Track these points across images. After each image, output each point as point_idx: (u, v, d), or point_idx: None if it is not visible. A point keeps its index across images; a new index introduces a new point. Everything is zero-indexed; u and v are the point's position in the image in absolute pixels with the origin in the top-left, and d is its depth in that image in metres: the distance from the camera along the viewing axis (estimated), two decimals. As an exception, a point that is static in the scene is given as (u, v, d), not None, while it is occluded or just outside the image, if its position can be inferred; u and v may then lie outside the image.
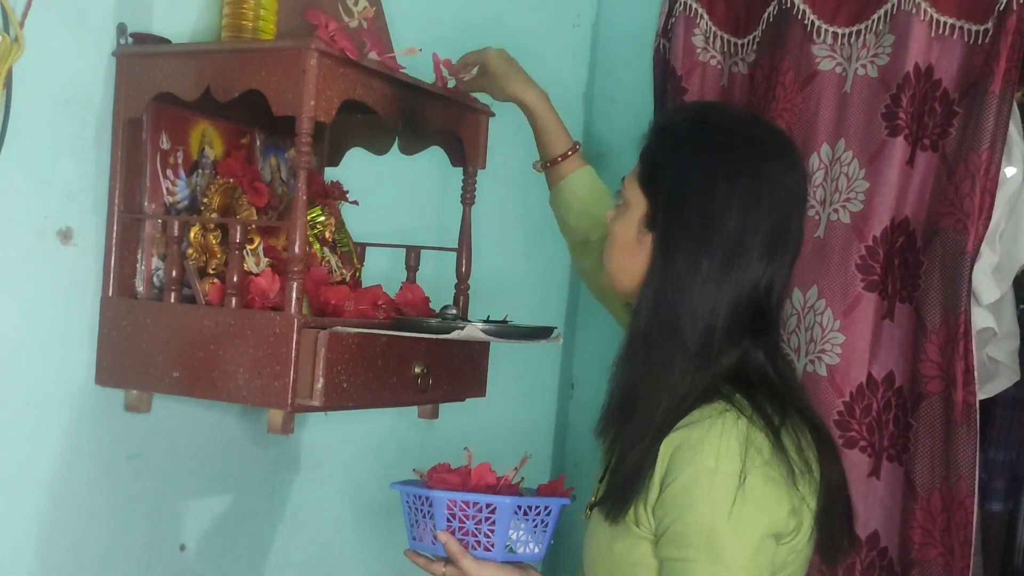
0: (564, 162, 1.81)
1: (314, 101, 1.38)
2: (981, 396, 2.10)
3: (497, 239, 2.27)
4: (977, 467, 2.03)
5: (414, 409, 1.75)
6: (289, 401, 1.39)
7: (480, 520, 1.45)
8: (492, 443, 2.44)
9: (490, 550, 1.45)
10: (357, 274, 1.81)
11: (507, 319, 1.62)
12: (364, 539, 2.12)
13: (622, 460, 1.34)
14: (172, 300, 1.49)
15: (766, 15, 2.32)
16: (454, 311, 1.62)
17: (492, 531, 1.45)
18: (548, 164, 1.83)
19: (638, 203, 1.39)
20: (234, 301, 1.46)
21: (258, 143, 1.72)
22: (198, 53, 1.48)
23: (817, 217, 2.20)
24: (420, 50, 1.58)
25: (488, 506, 1.44)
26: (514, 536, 1.47)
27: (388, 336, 1.49)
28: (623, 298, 1.47)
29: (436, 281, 1.83)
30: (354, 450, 2.06)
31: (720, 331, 1.31)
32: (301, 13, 1.50)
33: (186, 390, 1.46)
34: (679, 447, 1.29)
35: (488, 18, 2.30)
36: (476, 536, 1.45)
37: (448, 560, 1.46)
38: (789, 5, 2.25)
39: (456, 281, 1.81)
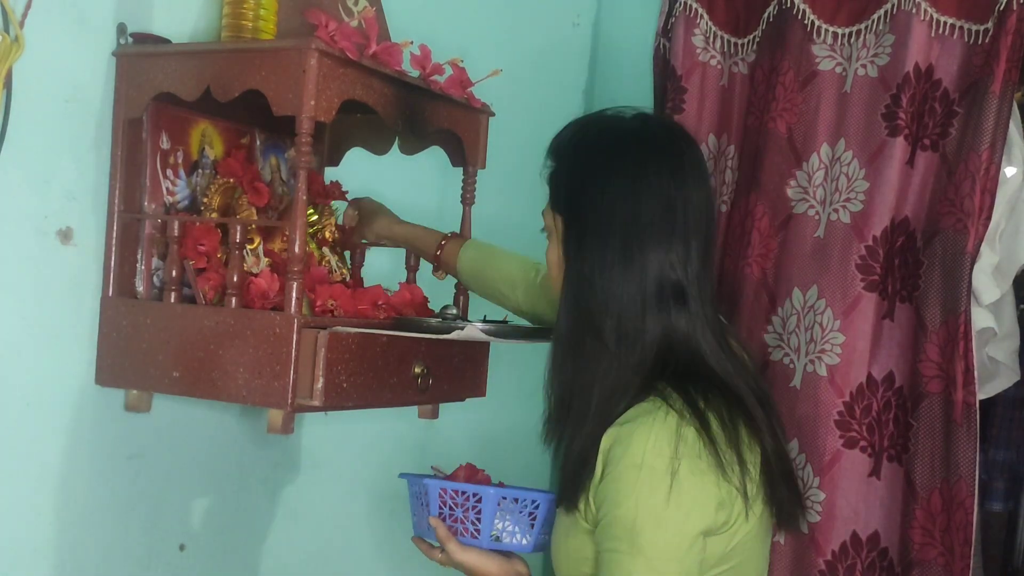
0: (445, 252, 1.81)
1: (314, 101, 1.38)
2: (981, 396, 2.09)
3: (497, 239, 2.27)
4: (977, 467, 2.03)
5: (414, 409, 1.75)
6: (289, 401, 1.39)
7: (467, 508, 1.53)
8: (492, 443, 2.44)
9: (476, 537, 1.53)
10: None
11: (507, 319, 1.62)
12: (364, 539, 2.12)
13: (567, 453, 1.42)
14: (172, 300, 1.49)
15: (766, 15, 2.31)
16: (454, 311, 1.62)
17: (479, 519, 1.52)
18: (436, 264, 1.83)
19: (556, 224, 1.47)
20: (234, 301, 1.46)
21: (258, 143, 1.72)
22: (198, 53, 1.48)
23: (817, 217, 2.20)
24: (411, 42, 1.58)
25: (475, 495, 1.52)
26: (500, 526, 1.53)
27: (388, 336, 1.49)
28: None
29: (436, 281, 1.83)
30: (354, 450, 2.06)
31: (632, 317, 1.37)
32: (301, 13, 1.50)
33: (186, 390, 1.46)
34: (614, 443, 1.34)
35: (488, 18, 2.30)
36: (464, 523, 1.53)
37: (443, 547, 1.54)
38: (789, 5, 2.25)
39: (456, 281, 1.81)
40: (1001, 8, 2.03)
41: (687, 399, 1.34)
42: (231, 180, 1.61)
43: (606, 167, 1.41)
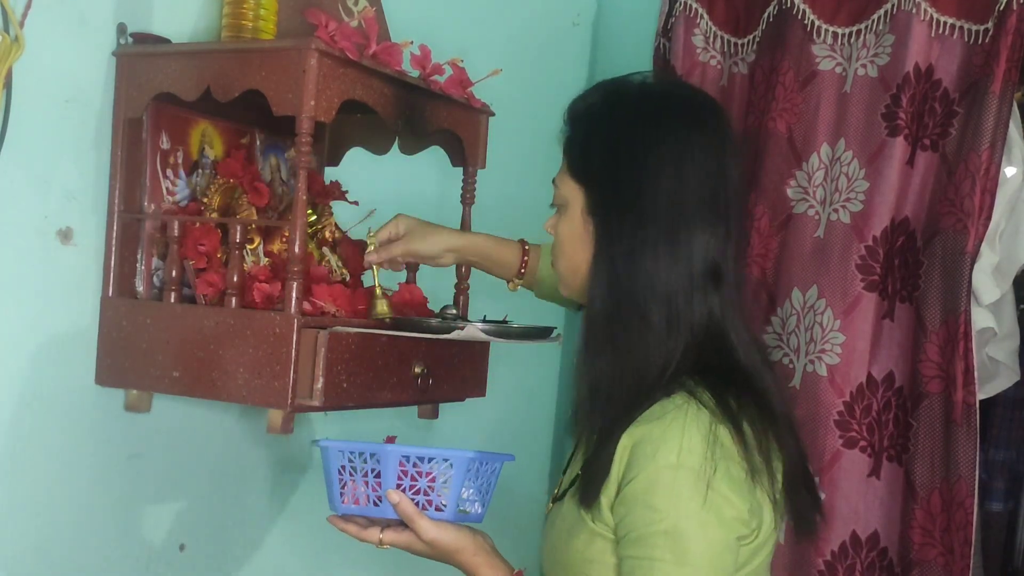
0: (528, 264, 1.73)
1: (314, 101, 1.38)
2: (981, 396, 2.10)
3: (497, 239, 2.27)
4: (977, 467, 2.03)
5: (414, 409, 1.75)
6: (289, 401, 1.39)
7: (433, 477, 1.34)
8: (492, 443, 2.44)
9: (442, 510, 1.34)
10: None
11: (507, 319, 1.62)
12: (364, 539, 2.12)
13: (596, 447, 1.29)
14: (172, 300, 1.49)
15: (766, 15, 2.32)
16: (454, 311, 1.62)
17: (444, 490, 1.34)
18: (519, 276, 1.74)
19: (575, 196, 1.35)
20: (234, 301, 1.46)
21: (258, 143, 1.72)
22: (198, 53, 1.48)
23: (817, 217, 2.20)
24: (411, 42, 1.58)
25: (445, 461, 1.34)
26: (465, 495, 1.37)
27: (388, 336, 1.49)
28: (579, 299, 1.41)
29: (436, 281, 1.83)
30: (354, 450, 2.06)
31: (682, 298, 1.28)
32: (301, 13, 1.50)
33: (186, 390, 1.46)
34: (639, 442, 1.24)
35: (488, 18, 2.30)
36: (428, 495, 1.34)
37: (386, 524, 1.37)
38: (789, 5, 2.25)
39: (456, 281, 1.81)
40: (1001, 8, 2.03)
41: (718, 397, 1.25)
42: (231, 180, 1.61)
43: (649, 137, 1.30)
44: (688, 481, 1.21)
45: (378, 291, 1.50)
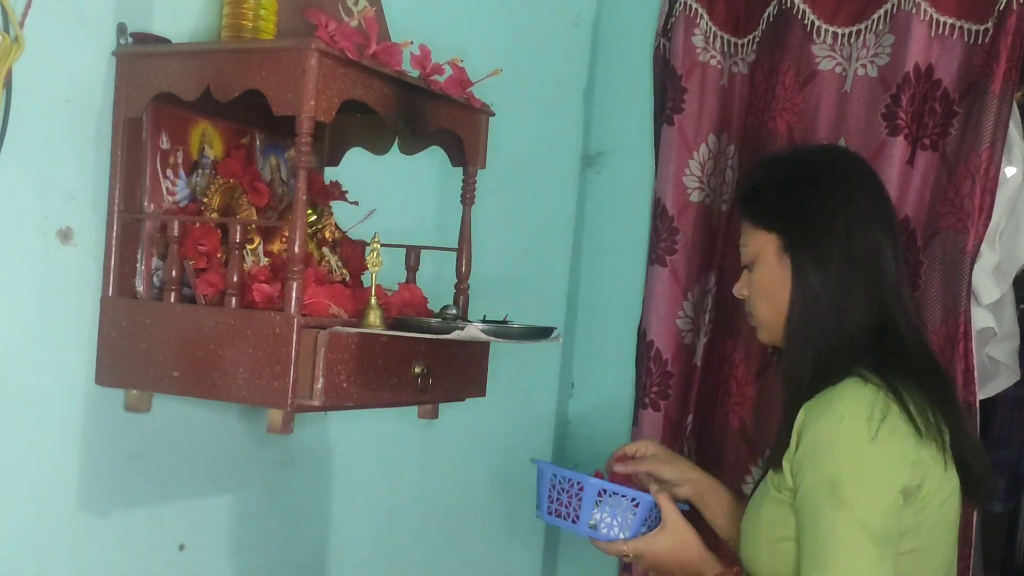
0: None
1: (314, 101, 1.38)
2: (981, 396, 2.10)
3: (497, 239, 2.27)
4: (977, 467, 2.03)
5: (414, 409, 1.75)
6: (289, 401, 1.39)
7: (572, 495, 1.66)
8: (492, 443, 2.44)
9: (575, 523, 1.66)
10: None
11: (507, 319, 1.62)
12: (363, 538, 2.12)
13: (782, 423, 1.50)
14: (172, 300, 1.49)
15: (766, 15, 2.32)
16: (454, 311, 1.62)
17: (580, 506, 1.66)
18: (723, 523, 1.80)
19: (766, 242, 1.58)
20: (234, 301, 1.46)
21: (258, 143, 1.72)
22: (198, 53, 1.48)
23: (817, 217, 2.20)
24: (411, 42, 1.58)
25: (578, 483, 1.65)
26: (598, 516, 1.64)
27: (388, 336, 1.49)
28: (779, 341, 1.59)
29: (436, 281, 1.83)
30: (354, 450, 2.06)
31: (865, 320, 1.51)
32: (301, 13, 1.50)
33: (186, 390, 1.46)
34: (811, 409, 1.44)
35: (488, 18, 2.30)
36: (568, 508, 1.66)
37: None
38: (789, 5, 2.25)
39: (456, 281, 1.81)
40: (1001, 8, 2.03)
41: (885, 380, 1.43)
42: (231, 180, 1.61)
43: (838, 191, 1.55)
44: (849, 432, 1.38)
45: (373, 300, 1.49)
